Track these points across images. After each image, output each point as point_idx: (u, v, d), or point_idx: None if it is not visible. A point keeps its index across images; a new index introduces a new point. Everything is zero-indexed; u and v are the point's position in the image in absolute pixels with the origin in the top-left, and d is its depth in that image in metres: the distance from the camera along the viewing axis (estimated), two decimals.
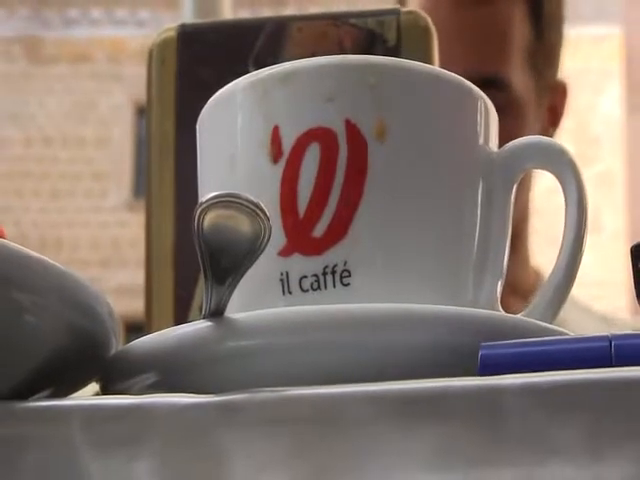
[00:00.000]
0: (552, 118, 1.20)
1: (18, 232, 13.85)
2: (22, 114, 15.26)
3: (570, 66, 1.24)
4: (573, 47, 1.27)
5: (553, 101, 1.19)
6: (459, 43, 1.12)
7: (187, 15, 1.46)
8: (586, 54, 13.08)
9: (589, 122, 13.46)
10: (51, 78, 15.48)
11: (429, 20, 0.52)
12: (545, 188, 1.12)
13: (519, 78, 1.14)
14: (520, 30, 1.15)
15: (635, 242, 0.42)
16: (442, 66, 1.04)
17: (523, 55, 1.15)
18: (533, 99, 1.15)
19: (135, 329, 0.50)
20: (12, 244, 0.33)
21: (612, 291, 11.85)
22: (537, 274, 1.17)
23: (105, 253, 14.03)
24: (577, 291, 0.45)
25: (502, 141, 1.14)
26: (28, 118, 15.28)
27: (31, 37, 15.68)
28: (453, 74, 0.41)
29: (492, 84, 1.10)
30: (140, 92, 0.54)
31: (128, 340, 0.38)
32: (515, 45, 1.14)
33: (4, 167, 14.90)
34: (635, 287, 0.41)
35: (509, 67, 1.14)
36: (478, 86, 1.14)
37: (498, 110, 1.16)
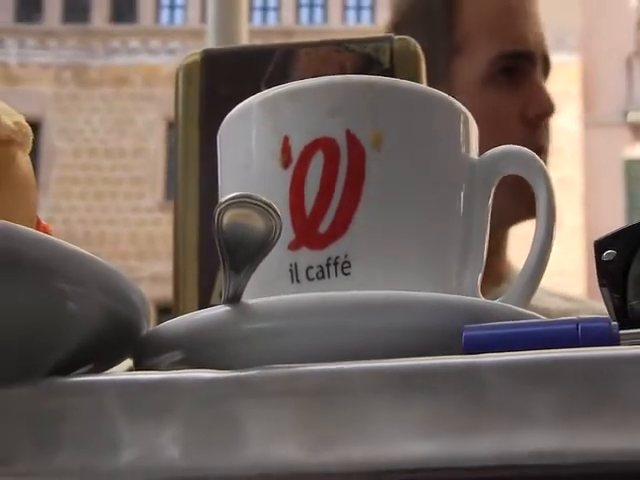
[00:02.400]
0: None
1: (66, 228, 13.99)
2: (71, 129, 15.37)
3: None
4: None
5: None
6: (532, 28, 1.13)
7: (210, 44, 1.46)
8: (549, 78, 13.11)
9: (552, 136, 13.49)
10: (95, 99, 15.59)
11: (418, 46, 0.52)
12: None
13: None
14: None
15: (597, 237, 0.41)
16: (529, 44, 1.06)
17: None
18: None
19: (166, 311, 0.50)
20: (57, 240, 0.33)
21: (571, 279, 11.92)
22: (509, 264, 1.16)
23: (141, 247, 14.14)
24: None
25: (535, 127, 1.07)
26: (76, 132, 15.39)
27: (79, 64, 15.78)
28: (439, 91, 0.40)
29: (549, 63, 1.16)
30: (171, 110, 0.54)
31: (161, 320, 0.38)
32: None
33: (56, 173, 15.02)
34: (598, 275, 0.40)
35: None
36: (547, 63, 1.14)
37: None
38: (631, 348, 0.30)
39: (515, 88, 1.09)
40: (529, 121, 1.07)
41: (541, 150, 1.07)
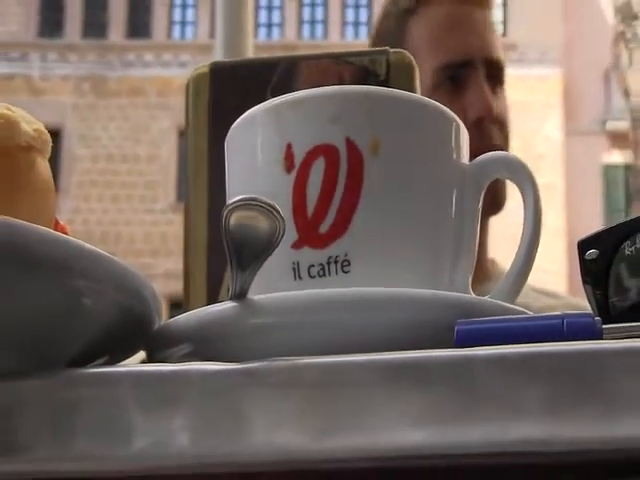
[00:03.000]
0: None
1: (86, 229, 14.06)
2: (90, 137, 15.41)
3: (520, 99, 1.26)
4: (522, 84, 1.28)
5: None
6: (477, 35, 1.16)
7: (218, 58, 1.46)
8: (532, 90, 13.23)
9: (535, 143, 13.62)
10: (112, 108, 15.64)
11: (412, 58, 0.52)
12: None
13: None
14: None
15: (580, 238, 0.41)
16: (468, 51, 1.07)
17: None
18: None
19: (178, 306, 0.50)
20: (73, 239, 0.33)
21: (553, 276, 11.93)
22: (493, 263, 1.16)
23: (155, 245, 14.18)
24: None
25: (506, 110, 1.12)
26: (94, 140, 15.44)
27: (97, 76, 15.83)
28: (433, 101, 0.40)
29: (501, 65, 1.16)
30: (182, 119, 0.54)
31: (173, 314, 0.38)
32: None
33: (75, 178, 15.07)
34: (581, 273, 0.40)
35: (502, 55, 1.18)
36: (494, 66, 1.15)
37: (503, 87, 1.19)
38: (614, 342, 0.29)
39: (460, 94, 1.11)
40: (472, 124, 1.08)
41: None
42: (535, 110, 13.59)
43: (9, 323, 0.32)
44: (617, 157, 14.46)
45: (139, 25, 16.29)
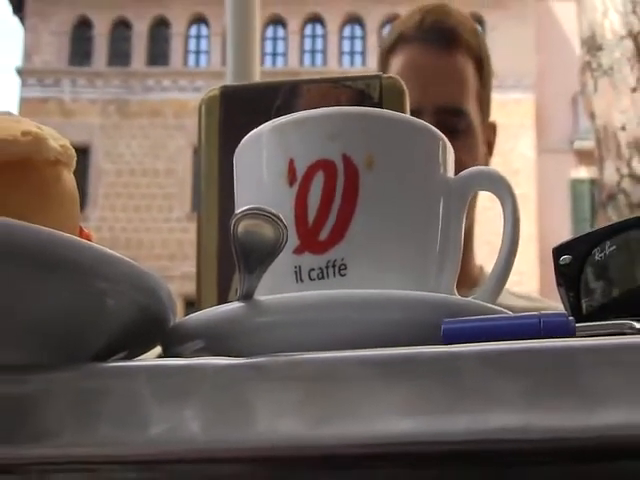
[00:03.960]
0: (489, 148, 1.19)
1: (111, 235, 14.14)
2: (114, 153, 15.47)
3: (498, 120, 1.24)
4: (500, 107, 1.27)
5: (488, 136, 1.18)
6: (432, 81, 1.11)
7: (228, 83, 1.45)
8: (509, 112, 13.31)
9: (511, 159, 13.71)
10: (134, 128, 15.71)
11: (403, 83, 0.51)
12: (481, 207, 1.11)
13: (473, 110, 1.13)
14: (472, 78, 1.14)
15: (555, 245, 0.41)
16: (420, 99, 1.05)
17: (474, 96, 1.14)
18: (480, 129, 1.14)
19: (193, 304, 0.49)
20: (96, 245, 0.33)
21: (527, 278, 11.96)
22: (481, 269, 1.15)
23: (172, 250, 14.24)
24: None
25: (465, 154, 1.12)
26: (118, 156, 15.51)
27: (121, 100, 15.89)
28: (422, 121, 0.40)
29: (456, 112, 1.11)
30: (196, 137, 0.54)
31: (189, 312, 0.38)
32: (470, 87, 1.14)
33: (102, 190, 15.13)
34: (556, 277, 0.40)
35: (467, 101, 1.13)
36: (446, 114, 1.12)
37: (461, 132, 1.15)
38: (586, 340, 0.29)
39: None
40: None
41: None
42: (511, 131, 13.67)
43: (39, 321, 0.32)
44: (583, 173, 14.54)
45: (158, 54, 16.35)
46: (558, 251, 0.40)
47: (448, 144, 0.41)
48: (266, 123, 0.40)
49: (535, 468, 0.31)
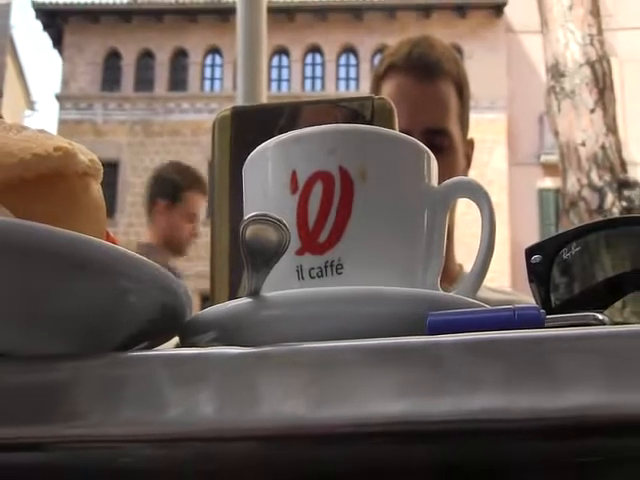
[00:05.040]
0: (467, 162, 1.19)
1: (137, 239, 14.10)
2: (140, 167, 15.51)
3: (475, 137, 1.24)
4: (476, 125, 1.27)
5: (467, 151, 1.18)
6: (420, 107, 1.11)
7: (239, 104, 1.45)
8: (484, 130, 13.35)
9: (486, 171, 13.75)
10: (157, 145, 15.76)
11: (392, 103, 0.51)
12: (460, 212, 1.11)
13: (455, 130, 1.14)
14: (453, 102, 1.14)
15: (527, 246, 0.40)
16: (409, 122, 1.05)
17: (455, 117, 1.14)
18: (460, 145, 1.14)
19: (208, 300, 0.49)
20: (121, 248, 0.32)
21: (499, 275, 11.97)
22: (460, 266, 1.15)
23: (190, 252, 14.20)
24: None
25: (448, 167, 1.12)
26: (143, 170, 15.53)
27: (146, 120, 15.93)
28: (410, 137, 0.39)
29: (441, 132, 1.11)
30: (210, 152, 0.53)
31: (204, 306, 0.38)
32: (451, 110, 1.14)
33: (129, 199, 15.18)
34: (528, 274, 0.40)
35: (449, 122, 1.13)
36: (431, 134, 1.12)
37: (444, 150, 1.15)
38: (555, 330, 0.29)
39: None
40: None
41: None
42: (486, 146, 13.72)
43: (70, 315, 0.32)
44: (549, 183, 14.57)
45: (178, 81, 16.38)
46: (530, 251, 0.40)
47: (432, 157, 0.40)
48: (271, 139, 0.39)
49: (512, 445, 0.30)
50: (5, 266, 0.29)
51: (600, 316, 0.34)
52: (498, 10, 15.93)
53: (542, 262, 0.39)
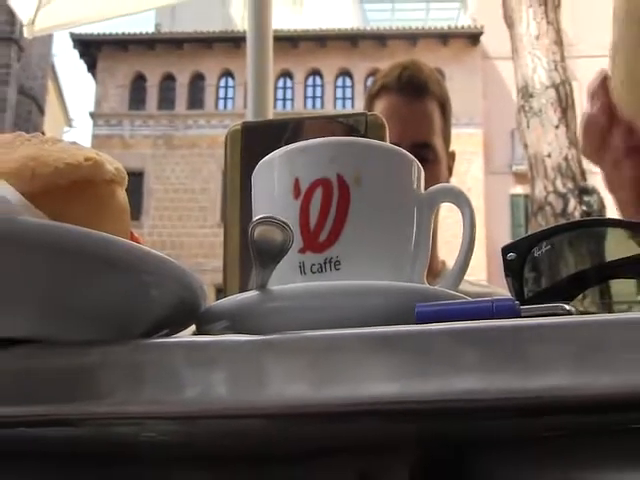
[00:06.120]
0: (449, 171, 1.18)
1: (160, 239, 14.23)
2: (162, 176, 15.51)
3: (455, 149, 1.23)
4: (456, 139, 1.27)
5: (449, 162, 1.17)
6: (408, 123, 1.11)
7: (249, 120, 1.45)
8: (463, 143, 13.36)
9: (465, 179, 13.77)
10: (177, 157, 15.76)
11: (384, 119, 0.50)
12: (442, 215, 1.10)
13: (439, 143, 1.13)
14: (437, 119, 1.14)
15: (503, 245, 0.40)
16: (399, 136, 1.05)
17: (439, 132, 1.14)
18: (444, 157, 1.14)
19: (221, 292, 0.48)
20: (144, 247, 0.32)
21: (477, 270, 11.95)
22: (443, 263, 1.15)
23: (206, 250, 14.25)
24: None
25: (433, 176, 1.12)
26: (165, 178, 15.54)
27: (167, 135, 15.94)
28: (400, 148, 0.39)
29: (426, 146, 1.11)
30: (224, 163, 0.53)
31: (218, 298, 0.37)
32: (436, 126, 1.14)
33: (153, 204, 15.19)
34: (504, 270, 0.39)
35: (434, 137, 1.13)
36: (418, 148, 1.12)
37: (430, 161, 1.15)
38: (528, 319, 0.28)
39: None
40: None
41: None
42: (465, 157, 13.73)
43: (99, 306, 0.31)
44: (519, 190, 14.58)
45: (196, 100, 16.36)
46: (506, 250, 0.39)
47: (419, 166, 0.39)
48: (276, 150, 0.39)
49: (489, 420, 0.30)
50: (42, 263, 0.29)
51: (567, 307, 0.33)
52: (475, 39, 15.94)
53: (516, 259, 0.39)
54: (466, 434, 0.33)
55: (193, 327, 0.37)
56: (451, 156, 1.19)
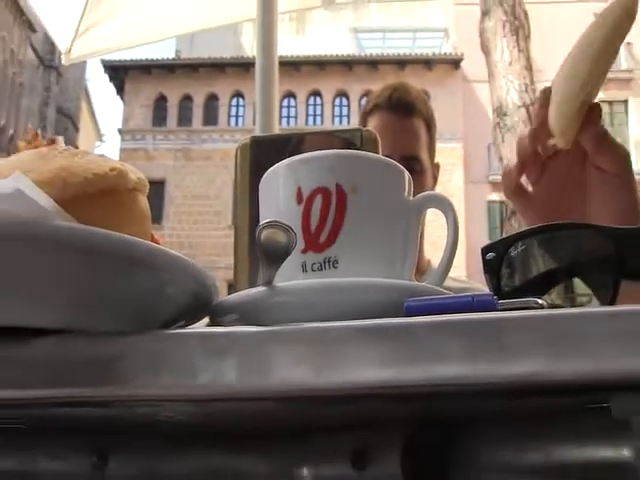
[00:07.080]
0: (434, 180, 1.18)
1: (179, 240, 14.24)
2: (181, 185, 15.51)
3: (439, 161, 1.23)
4: (440, 152, 1.26)
5: (434, 172, 1.17)
6: (398, 139, 1.10)
7: (257, 134, 1.45)
8: (446, 155, 13.38)
9: (447, 188, 13.79)
10: (194, 168, 15.78)
11: (377, 134, 0.50)
12: (428, 219, 1.10)
13: (425, 157, 1.13)
14: (424, 135, 1.14)
15: (483, 246, 0.39)
16: (390, 150, 1.05)
17: (425, 147, 1.13)
18: (429, 168, 1.14)
19: (232, 288, 0.48)
20: (163, 247, 0.31)
21: (457, 269, 11.92)
22: (429, 261, 1.14)
23: (219, 250, 14.25)
24: None
25: (420, 185, 1.11)
26: (184, 187, 15.56)
27: (186, 149, 15.96)
28: (392, 160, 0.38)
29: (414, 159, 1.10)
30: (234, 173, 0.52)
31: (230, 293, 0.36)
32: (423, 141, 1.13)
33: (172, 209, 15.21)
34: (483, 267, 0.39)
35: (421, 151, 1.12)
36: (407, 160, 1.12)
37: (417, 172, 1.14)
38: (505, 313, 0.28)
39: None
40: None
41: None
42: (447, 168, 13.74)
43: (123, 301, 0.31)
44: (495, 197, 14.59)
45: (210, 118, 16.37)
46: (485, 250, 0.39)
47: (409, 176, 0.39)
48: (281, 162, 0.38)
49: (472, 403, 0.29)
50: (72, 262, 0.29)
51: (540, 301, 0.33)
52: (456, 64, 15.96)
53: (494, 258, 0.38)
54: (450, 415, 0.32)
55: (207, 319, 0.36)
56: (436, 167, 1.19)
